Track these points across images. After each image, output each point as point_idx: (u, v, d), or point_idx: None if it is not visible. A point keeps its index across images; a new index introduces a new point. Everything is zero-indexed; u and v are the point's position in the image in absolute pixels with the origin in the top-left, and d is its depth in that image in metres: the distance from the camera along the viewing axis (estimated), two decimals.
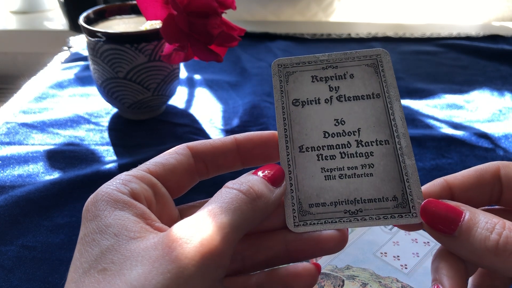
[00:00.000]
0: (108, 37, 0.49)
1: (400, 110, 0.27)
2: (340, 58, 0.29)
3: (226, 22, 0.46)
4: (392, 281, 0.34)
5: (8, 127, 0.54)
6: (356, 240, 0.38)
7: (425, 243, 0.38)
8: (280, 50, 0.78)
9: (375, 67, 0.28)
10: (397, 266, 0.36)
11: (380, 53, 0.29)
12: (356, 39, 0.83)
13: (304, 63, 0.30)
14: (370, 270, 0.35)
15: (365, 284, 0.34)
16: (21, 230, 0.40)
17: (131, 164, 0.48)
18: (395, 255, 0.37)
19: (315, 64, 0.30)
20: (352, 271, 0.35)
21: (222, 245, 0.21)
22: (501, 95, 0.64)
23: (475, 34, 0.83)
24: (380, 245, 0.38)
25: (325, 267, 0.35)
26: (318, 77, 0.29)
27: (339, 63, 0.29)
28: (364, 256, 0.37)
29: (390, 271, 0.35)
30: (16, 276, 0.36)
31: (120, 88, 0.52)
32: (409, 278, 0.35)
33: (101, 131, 0.55)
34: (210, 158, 0.28)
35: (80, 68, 0.69)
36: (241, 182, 0.24)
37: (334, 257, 0.36)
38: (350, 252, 0.37)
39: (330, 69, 0.29)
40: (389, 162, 0.26)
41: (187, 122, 0.57)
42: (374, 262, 0.36)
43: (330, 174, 0.26)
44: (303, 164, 0.27)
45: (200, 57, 0.44)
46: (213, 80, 0.68)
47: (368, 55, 0.29)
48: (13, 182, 0.46)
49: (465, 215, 0.23)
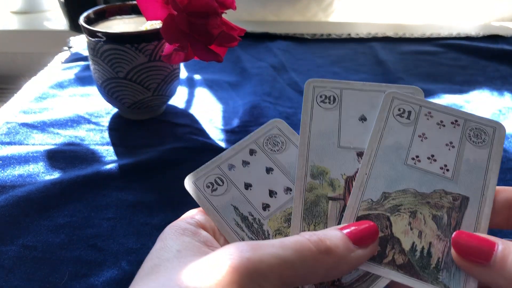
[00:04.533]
0: (108, 37, 0.49)
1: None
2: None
3: (226, 22, 0.46)
4: (441, 196, 0.28)
5: (9, 127, 0.54)
6: (378, 149, 0.30)
7: (453, 123, 0.30)
8: (280, 50, 0.78)
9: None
10: (436, 171, 0.29)
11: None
12: (356, 39, 0.83)
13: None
14: (411, 190, 0.28)
15: (414, 213, 0.27)
16: (22, 230, 0.41)
17: (132, 164, 0.48)
18: (429, 155, 0.29)
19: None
20: (392, 199, 0.28)
21: (271, 275, 0.21)
22: (501, 95, 0.64)
23: (475, 34, 0.83)
24: (406, 147, 0.29)
25: (360, 206, 0.28)
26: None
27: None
28: (396, 172, 0.29)
29: (433, 182, 0.28)
30: (16, 276, 0.36)
31: (120, 88, 0.52)
32: (456, 183, 0.28)
33: (102, 131, 0.55)
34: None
35: (80, 68, 0.69)
36: (315, 233, 0.24)
37: (365, 187, 0.28)
38: (378, 170, 0.29)
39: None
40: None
41: (187, 122, 0.57)
42: (410, 175, 0.29)
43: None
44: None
45: (200, 57, 0.44)
46: (213, 80, 0.68)
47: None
48: (14, 182, 0.46)
49: (498, 245, 0.23)
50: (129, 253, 0.39)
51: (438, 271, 0.25)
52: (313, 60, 0.75)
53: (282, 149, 0.30)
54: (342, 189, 0.28)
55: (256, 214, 0.28)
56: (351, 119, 0.30)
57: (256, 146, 0.30)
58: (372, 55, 0.77)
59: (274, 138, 0.31)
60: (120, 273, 0.37)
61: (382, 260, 0.26)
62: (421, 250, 0.26)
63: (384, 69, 0.72)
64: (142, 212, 0.43)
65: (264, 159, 0.30)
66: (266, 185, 0.29)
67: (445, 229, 0.27)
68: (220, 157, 0.30)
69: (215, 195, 0.29)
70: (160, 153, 0.50)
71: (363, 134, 0.29)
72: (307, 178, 0.28)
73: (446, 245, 0.26)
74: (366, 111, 0.30)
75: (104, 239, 0.40)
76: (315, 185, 0.28)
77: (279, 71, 0.70)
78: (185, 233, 0.25)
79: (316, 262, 0.22)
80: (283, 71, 0.71)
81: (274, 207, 0.28)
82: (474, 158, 0.28)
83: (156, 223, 0.42)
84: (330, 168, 0.28)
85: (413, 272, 0.25)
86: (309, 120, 0.30)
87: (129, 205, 0.44)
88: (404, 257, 0.26)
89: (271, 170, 0.30)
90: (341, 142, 0.29)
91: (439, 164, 0.28)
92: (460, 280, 0.25)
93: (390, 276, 0.25)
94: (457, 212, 0.27)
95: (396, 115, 0.30)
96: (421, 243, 0.26)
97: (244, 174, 0.29)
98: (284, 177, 0.29)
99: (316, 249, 0.22)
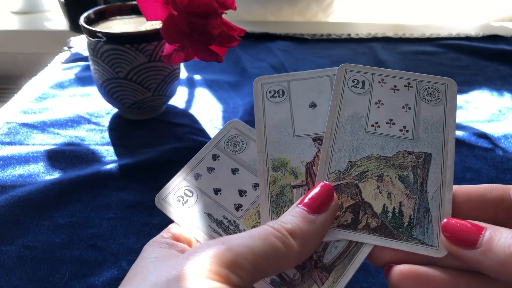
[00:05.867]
0: (108, 38, 0.49)
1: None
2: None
3: (226, 22, 0.46)
4: (405, 157, 0.28)
5: (9, 127, 0.54)
6: (338, 122, 0.30)
7: (407, 86, 0.30)
8: (280, 51, 0.78)
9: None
10: (396, 133, 0.29)
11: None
12: (356, 39, 0.83)
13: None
14: (375, 155, 0.29)
15: (381, 176, 0.28)
16: (22, 230, 0.41)
17: (132, 164, 0.48)
18: (388, 120, 0.30)
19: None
20: (358, 166, 0.29)
21: (244, 263, 0.21)
22: (501, 95, 0.64)
23: (475, 34, 0.83)
24: (364, 115, 0.30)
25: (329, 178, 0.28)
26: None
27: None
28: (358, 140, 0.29)
29: (394, 144, 0.29)
30: (16, 276, 0.37)
31: (120, 88, 0.52)
32: (417, 142, 0.29)
33: (102, 131, 0.55)
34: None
35: (80, 68, 0.69)
36: (277, 220, 0.24)
37: (330, 160, 0.29)
38: (341, 141, 0.29)
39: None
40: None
41: (187, 122, 0.57)
42: (372, 142, 0.29)
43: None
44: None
45: (200, 57, 0.44)
46: (213, 80, 0.68)
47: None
48: (14, 182, 0.46)
49: (486, 228, 0.23)
50: (129, 253, 0.39)
51: (412, 228, 0.26)
52: (313, 60, 0.75)
53: (243, 148, 0.31)
54: (304, 175, 0.29)
55: (230, 216, 0.29)
56: (302, 107, 0.30)
57: (218, 151, 0.31)
58: (372, 55, 0.77)
59: (233, 139, 0.31)
60: (120, 273, 0.37)
61: (356, 226, 0.27)
62: (392, 210, 0.27)
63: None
64: (142, 212, 0.43)
65: (228, 161, 0.30)
66: (235, 186, 0.30)
67: (413, 187, 0.27)
68: (185, 169, 0.31)
69: (187, 207, 0.29)
70: (160, 153, 0.50)
71: (316, 120, 0.30)
72: (269, 172, 0.29)
73: (416, 202, 0.27)
74: (315, 97, 0.31)
75: (104, 239, 0.40)
76: (278, 177, 0.29)
77: (279, 71, 0.70)
78: (161, 246, 0.25)
79: (285, 247, 0.23)
80: (283, 71, 0.71)
81: (246, 205, 0.29)
82: (431, 116, 0.29)
83: (156, 223, 0.42)
84: (289, 158, 0.29)
85: (388, 232, 0.26)
86: (262, 116, 0.30)
87: (129, 205, 0.44)
88: (377, 220, 0.27)
89: (237, 170, 0.30)
90: (296, 132, 0.30)
91: (398, 126, 0.29)
92: (434, 233, 0.26)
93: (367, 240, 0.26)
94: (421, 169, 0.28)
95: (351, 87, 0.30)
96: (391, 204, 0.27)
97: (212, 180, 0.30)
98: (251, 174, 0.30)
99: (281, 234, 0.23)
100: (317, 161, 0.29)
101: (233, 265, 0.21)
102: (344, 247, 0.26)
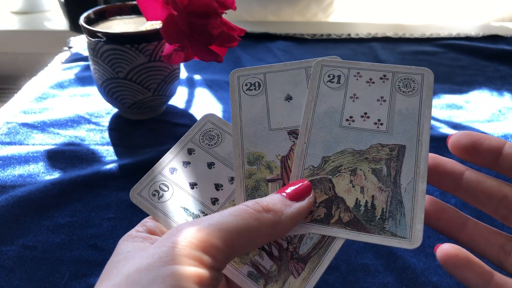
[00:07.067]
0: (108, 38, 0.49)
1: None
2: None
3: (226, 22, 0.46)
4: (378, 150, 0.28)
5: (9, 127, 0.54)
6: (313, 117, 0.30)
7: (382, 78, 0.30)
8: (280, 51, 0.78)
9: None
10: (371, 127, 0.29)
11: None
12: (356, 39, 0.83)
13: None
14: (348, 150, 0.29)
15: (354, 171, 0.28)
16: (22, 230, 0.41)
17: (132, 164, 0.48)
18: (362, 114, 0.29)
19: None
20: (332, 161, 0.28)
21: (215, 241, 0.21)
22: (501, 95, 0.64)
23: (475, 34, 0.83)
24: (339, 110, 0.30)
25: (304, 174, 0.28)
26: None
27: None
28: (332, 135, 0.29)
29: (368, 138, 0.29)
30: (16, 276, 0.37)
31: (120, 88, 0.52)
32: (391, 135, 0.28)
33: (102, 131, 0.55)
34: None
35: (80, 68, 0.69)
36: (252, 200, 0.25)
37: (305, 155, 0.29)
38: (316, 136, 0.29)
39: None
40: None
41: (187, 122, 0.57)
42: (346, 136, 0.29)
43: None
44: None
45: (200, 57, 0.44)
46: (213, 80, 0.68)
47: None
48: (14, 182, 0.46)
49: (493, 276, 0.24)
50: None
51: (384, 221, 0.26)
52: None
53: (218, 142, 0.31)
54: (279, 169, 0.29)
55: (207, 210, 0.29)
56: (278, 100, 0.30)
57: (193, 145, 0.31)
58: (372, 55, 0.77)
59: (209, 132, 0.31)
60: None
61: (329, 221, 0.27)
62: (364, 204, 0.27)
63: None
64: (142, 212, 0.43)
65: (203, 155, 0.30)
66: (211, 180, 0.29)
67: (386, 180, 0.27)
68: (160, 163, 0.30)
69: (163, 201, 0.29)
70: (160, 153, 0.49)
71: (291, 113, 0.30)
72: (245, 166, 0.29)
73: (389, 195, 0.27)
74: (290, 90, 0.30)
75: (104, 239, 0.40)
76: (253, 171, 0.29)
77: None
78: (135, 240, 0.25)
79: (257, 220, 0.23)
80: None
81: (223, 199, 0.29)
82: (406, 107, 0.29)
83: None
84: (265, 152, 0.29)
85: (360, 226, 0.26)
86: (238, 109, 0.30)
87: (129, 205, 0.44)
88: (350, 214, 0.27)
89: (213, 164, 0.30)
90: (271, 125, 0.30)
91: (373, 120, 0.29)
92: (407, 226, 0.26)
93: (339, 235, 0.26)
94: (395, 162, 0.28)
95: (326, 82, 0.30)
96: (364, 198, 0.27)
97: (187, 174, 0.30)
98: (227, 168, 0.30)
99: (254, 210, 0.23)
100: (292, 155, 0.29)
101: (205, 246, 0.21)
102: (320, 237, 0.27)
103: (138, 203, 0.29)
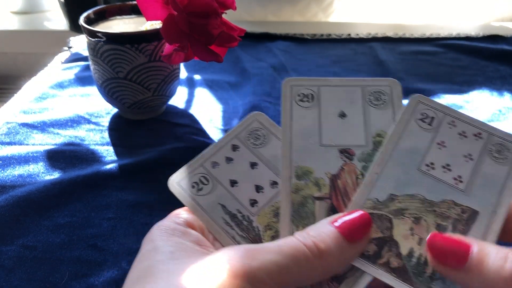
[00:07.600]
0: (108, 38, 0.49)
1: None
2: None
3: (226, 22, 0.46)
4: (450, 207, 0.27)
5: (9, 127, 0.54)
6: (393, 150, 0.29)
7: (476, 135, 0.29)
8: (280, 51, 0.78)
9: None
10: (449, 181, 0.28)
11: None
12: (356, 39, 0.83)
13: None
14: (419, 196, 0.27)
15: (419, 219, 0.26)
16: (22, 230, 0.41)
17: (132, 164, 0.48)
18: (444, 164, 0.28)
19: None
20: (398, 202, 0.27)
21: (265, 278, 0.21)
22: (501, 95, 0.64)
23: (475, 34, 0.83)
24: (422, 153, 0.29)
25: (365, 204, 0.27)
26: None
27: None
28: (407, 176, 0.28)
29: (443, 191, 0.27)
30: (16, 276, 0.36)
31: (120, 88, 0.52)
32: (467, 196, 0.27)
33: (102, 131, 0.55)
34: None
35: (80, 68, 0.69)
36: (309, 234, 0.24)
37: (372, 186, 0.28)
38: (390, 171, 0.28)
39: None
40: None
41: (187, 122, 0.57)
42: (421, 182, 0.28)
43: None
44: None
45: (200, 57, 0.44)
46: (213, 80, 0.68)
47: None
48: (14, 182, 0.46)
49: (474, 247, 0.23)
50: (129, 253, 0.39)
51: (432, 280, 0.25)
52: (313, 60, 0.75)
53: (264, 143, 0.30)
54: (328, 188, 0.28)
55: (245, 211, 0.28)
56: (331, 116, 0.30)
57: (238, 141, 0.30)
58: (372, 55, 0.77)
59: (255, 132, 0.30)
60: (120, 273, 0.37)
61: (376, 260, 0.25)
62: (418, 257, 0.25)
63: (384, 69, 0.72)
64: (142, 212, 0.43)
65: (247, 154, 0.30)
66: (252, 180, 0.29)
67: None
68: (203, 155, 0.30)
69: (201, 195, 0.28)
70: (160, 153, 0.50)
71: (344, 130, 0.29)
72: (293, 180, 0.28)
73: None
74: (345, 107, 0.30)
75: (104, 239, 0.40)
76: (301, 186, 0.28)
77: (279, 72, 0.70)
78: (174, 233, 0.24)
79: (311, 266, 0.23)
80: (283, 71, 0.71)
81: (262, 202, 0.28)
82: (491, 174, 0.27)
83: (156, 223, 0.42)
84: (314, 168, 0.28)
85: (406, 277, 0.25)
86: (289, 120, 0.30)
87: (129, 205, 0.44)
88: (400, 261, 0.25)
89: (255, 165, 0.29)
90: (322, 140, 0.29)
91: (453, 174, 0.28)
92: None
93: (382, 278, 0.25)
94: (463, 225, 0.26)
95: (418, 119, 0.29)
96: (419, 250, 0.26)
97: (229, 171, 0.29)
98: (269, 171, 0.29)
99: (311, 254, 0.23)
100: (342, 174, 0.28)
101: (260, 283, 0.21)
102: (359, 273, 0.25)
103: (176, 192, 0.28)
